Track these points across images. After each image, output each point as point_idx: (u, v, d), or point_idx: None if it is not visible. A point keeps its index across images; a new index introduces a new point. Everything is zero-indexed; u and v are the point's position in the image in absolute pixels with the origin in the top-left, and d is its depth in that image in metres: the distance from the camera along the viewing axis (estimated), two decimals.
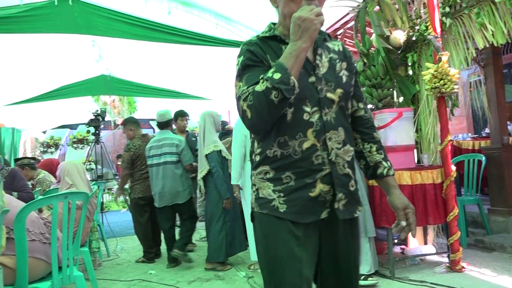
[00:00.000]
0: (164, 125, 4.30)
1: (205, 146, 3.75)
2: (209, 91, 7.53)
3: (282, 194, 1.19)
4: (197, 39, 5.17)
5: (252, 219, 1.30)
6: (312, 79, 1.21)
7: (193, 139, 4.85)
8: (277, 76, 1.08)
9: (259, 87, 1.11)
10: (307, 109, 1.18)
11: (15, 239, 2.03)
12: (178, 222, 4.43)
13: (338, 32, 5.36)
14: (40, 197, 2.27)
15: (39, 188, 4.31)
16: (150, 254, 4.26)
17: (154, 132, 10.78)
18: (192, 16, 5.06)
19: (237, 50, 4.60)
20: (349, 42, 6.35)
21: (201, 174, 3.78)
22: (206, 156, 3.73)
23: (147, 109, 9.44)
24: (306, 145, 1.17)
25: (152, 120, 10.47)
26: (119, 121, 9.41)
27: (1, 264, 1.90)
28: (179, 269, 3.93)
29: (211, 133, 3.81)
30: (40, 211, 2.98)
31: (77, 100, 8.16)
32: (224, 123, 5.98)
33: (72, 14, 4.86)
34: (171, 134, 4.26)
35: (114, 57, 6.89)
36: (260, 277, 3.45)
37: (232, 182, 3.63)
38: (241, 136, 3.59)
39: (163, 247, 4.63)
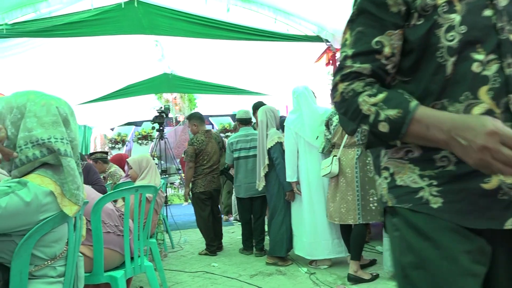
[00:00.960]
0: (247, 121, 4.53)
1: (269, 139, 3.77)
2: (267, 86, 7.54)
3: (435, 182, 0.83)
4: (256, 35, 5.20)
5: (384, 220, 0.97)
6: (489, 12, 0.82)
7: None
8: (391, 114, 0.80)
9: (362, 103, 0.84)
10: (479, 57, 0.81)
11: (92, 230, 2.16)
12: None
13: None
14: (114, 190, 2.40)
15: (111, 182, 4.56)
16: (212, 247, 4.36)
17: (213, 128, 11.04)
18: (251, 12, 5.10)
19: (295, 44, 4.55)
20: None
21: (264, 170, 3.79)
22: (269, 149, 3.74)
23: (207, 106, 9.68)
24: (477, 110, 0.80)
25: (211, 116, 10.72)
26: (181, 118, 9.75)
27: (81, 253, 2.03)
28: (240, 262, 3.99)
29: (273, 127, 3.84)
30: (115, 201, 3.15)
31: (141, 98, 8.55)
32: (282, 119, 5.97)
33: (137, 16, 5.08)
34: (254, 130, 4.44)
35: (175, 55, 7.13)
36: (323, 274, 3.43)
37: (287, 179, 3.61)
38: (292, 133, 3.58)
39: (225, 240, 4.75)
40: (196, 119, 4.56)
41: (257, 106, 4.41)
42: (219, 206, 4.63)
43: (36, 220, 1.32)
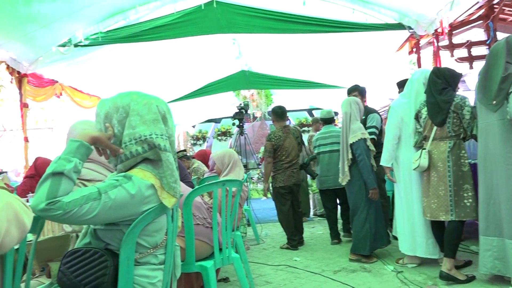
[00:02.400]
0: (330, 121, 4.81)
1: (351, 134, 3.65)
2: (345, 79, 7.35)
3: None
4: (334, 27, 5.09)
5: None
6: None
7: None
8: None
9: None
10: None
11: (184, 222, 2.28)
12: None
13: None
14: (202, 184, 2.51)
15: (195, 176, 4.79)
16: (294, 242, 4.38)
17: (289, 123, 11.06)
18: (328, 3, 5.00)
19: (374, 34, 4.33)
20: (508, 11, 5.50)
21: (347, 165, 3.69)
22: (351, 144, 3.64)
23: (283, 101, 9.72)
24: None
25: (288, 111, 10.71)
26: (258, 114, 9.91)
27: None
28: (323, 258, 3.95)
29: (357, 121, 3.71)
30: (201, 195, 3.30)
31: (220, 96, 8.84)
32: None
33: (215, 16, 5.24)
34: (335, 128, 4.79)
35: (252, 52, 7.24)
36: (411, 272, 3.27)
37: (381, 163, 3.49)
38: (398, 117, 3.37)
39: (306, 235, 4.74)
40: (273, 114, 4.59)
41: (351, 90, 4.40)
42: (299, 200, 4.61)
43: (140, 211, 1.43)
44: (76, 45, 4.93)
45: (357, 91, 4.33)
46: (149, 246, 1.52)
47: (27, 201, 2.75)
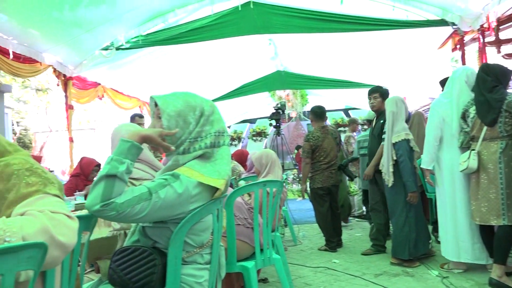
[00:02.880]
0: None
1: (394, 134, 3.55)
2: (383, 78, 7.18)
3: None
4: (373, 25, 4.98)
5: None
6: None
7: None
8: None
9: None
10: None
11: (226, 222, 2.29)
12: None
13: None
14: (244, 185, 2.52)
15: (232, 177, 4.82)
16: (332, 243, 4.31)
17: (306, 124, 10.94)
18: (366, 1, 4.90)
19: (415, 31, 4.16)
20: None
21: (391, 165, 3.58)
22: (394, 144, 3.54)
23: (318, 101, 9.63)
24: None
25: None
26: (293, 114, 9.87)
27: None
28: (363, 261, 3.87)
29: (402, 120, 3.60)
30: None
31: (254, 97, 8.86)
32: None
33: (252, 17, 5.26)
34: None
35: (288, 52, 7.22)
36: (457, 278, 3.14)
37: (422, 166, 3.38)
38: (439, 117, 3.24)
39: (344, 237, 4.65)
40: (312, 114, 4.54)
41: (373, 91, 4.09)
42: (337, 202, 4.54)
43: (188, 209, 1.45)
44: (117, 48, 5.08)
45: (378, 92, 4.01)
46: (196, 245, 1.54)
47: (74, 199, 2.86)
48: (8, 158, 1.14)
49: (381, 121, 3.87)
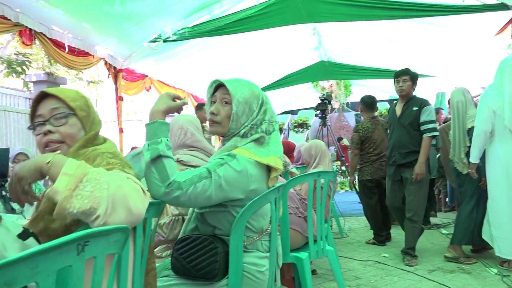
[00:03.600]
0: None
1: (469, 119, 3.44)
2: (433, 67, 6.88)
3: None
4: (425, 10, 4.74)
5: None
6: None
7: None
8: None
9: None
10: None
11: (282, 211, 2.27)
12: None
13: None
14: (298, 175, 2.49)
15: None
16: (381, 237, 4.21)
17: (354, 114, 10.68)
18: None
19: (468, 16, 3.87)
20: None
21: (463, 152, 3.46)
22: (469, 129, 3.42)
23: (363, 91, 9.39)
24: None
25: None
26: (336, 105, 9.70)
27: None
28: None
29: (473, 107, 3.47)
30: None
31: (296, 88, 8.77)
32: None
33: (297, 6, 5.17)
34: None
35: (332, 42, 7.08)
36: None
37: (471, 160, 3.23)
38: (488, 110, 3.10)
39: (392, 230, 4.53)
40: (362, 104, 4.43)
41: (401, 73, 3.76)
42: None
43: (248, 189, 1.45)
44: (165, 41, 5.16)
45: (408, 75, 3.69)
46: (256, 231, 1.54)
47: None
48: (99, 146, 1.25)
49: (414, 108, 3.53)
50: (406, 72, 3.71)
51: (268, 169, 1.53)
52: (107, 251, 0.81)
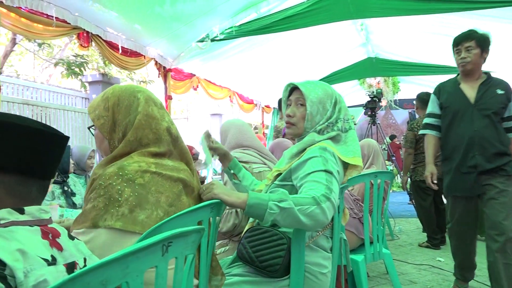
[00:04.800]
0: None
1: None
2: (488, 63, 6.49)
3: None
4: (486, 2, 4.48)
5: None
6: None
7: None
8: None
9: None
10: None
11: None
12: None
13: None
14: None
15: None
16: (435, 240, 4.04)
17: (414, 112, 10.30)
18: None
19: None
20: None
21: None
22: None
23: (411, 88, 9.09)
24: None
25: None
26: (383, 103, 9.42)
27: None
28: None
29: None
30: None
31: (342, 85, 8.59)
32: None
33: (345, 2, 5.06)
34: None
35: (380, 38, 6.87)
36: None
37: None
38: None
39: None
40: (419, 101, 4.25)
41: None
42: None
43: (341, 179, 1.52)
44: (212, 40, 5.21)
45: (473, 40, 2.52)
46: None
47: None
48: (112, 168, 1.20)
49: (499, 92, 2.48)
50: (469, 36, 2.58)
51: (344, 166, 1.56)
52: (185, 251, 0.81)
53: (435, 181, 2.64)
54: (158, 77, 5.32)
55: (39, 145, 0.80)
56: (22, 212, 0.78)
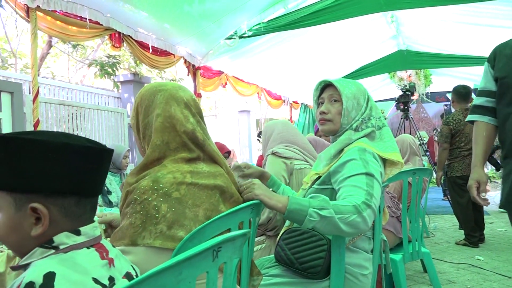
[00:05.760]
0: None
1: None
2: None
3: None
4: None
5: None
6: None
7: None
8: None
9: None
10: None
11: None
12: None
13: None
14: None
15: None
16: (473, 238, 3.90)
17: (450, 106, 9.98)
18: None
19: None
20: None
21: None
22: None
23: (443, 81, 8.81)
24: None
25: (449, 92, 9.69)
26: (414, 97, 9.17)
27: None
28: None
29: None
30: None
31: (371, 79, 8.41)
32: None
33: None
34: None
35: (412, 30, 6.69)
36: None
37: None
38: None
39: (485, 231, 4.18)
40: (455, 94, 4.10)
41: None
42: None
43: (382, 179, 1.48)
44: (240, 37, 5.21)
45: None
46: None
47: None
48: (144, 177, 1.22)
49: None
50: None
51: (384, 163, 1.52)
52: (234, 256, 0.80)
53: (484, 195, 1.81)
54: (187, 75, 5.36)
55: (91, 163, 0.79)
56: (78, 233, 0.78)
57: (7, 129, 3.88)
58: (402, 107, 5.84)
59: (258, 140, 9.52)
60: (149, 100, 1.20)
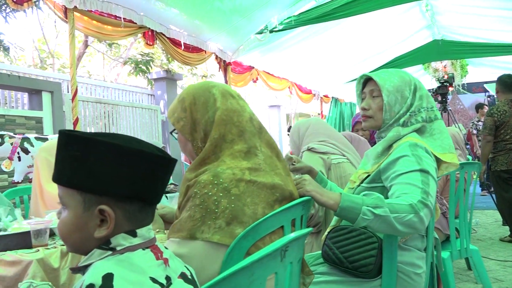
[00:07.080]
0: None
1: None
2: None
3: None
4: None
5: None
6: None
7: None
8: None
9: None
10: None
11: None
12: None
13: None
14: None
15: None
16: None
17: (485, 96, 9.61)
18: None
19: None
20: None
21: None
22: None
23: (481, 71, 8.47)
24: None
25: (486, 83, 9.32)
26: (450, 88, 8.88)
27: None
28: None
29: None
30: None
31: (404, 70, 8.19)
32: None
33: None
34: None
35: (448, 18, 6.45)
36: None
37: None
38: None
39: None
40: (500, 84, 3.90)
41: None
42: None
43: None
44: (271, 31, 5.16)
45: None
46: None
47: None
48: (204, 173, 1.18)
49: None
50: None
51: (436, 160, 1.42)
52: (298, 255, 0.77)
53: None
54: (219, 71, 5.37)
55: (159, 171, 0.80)
56: (134, 235, 0.78)
57: (48, 127, 4.00)
58: (439, 98, 5.64)
59: (288, 135, 9.47)
60: (205, 97, 1.18)
